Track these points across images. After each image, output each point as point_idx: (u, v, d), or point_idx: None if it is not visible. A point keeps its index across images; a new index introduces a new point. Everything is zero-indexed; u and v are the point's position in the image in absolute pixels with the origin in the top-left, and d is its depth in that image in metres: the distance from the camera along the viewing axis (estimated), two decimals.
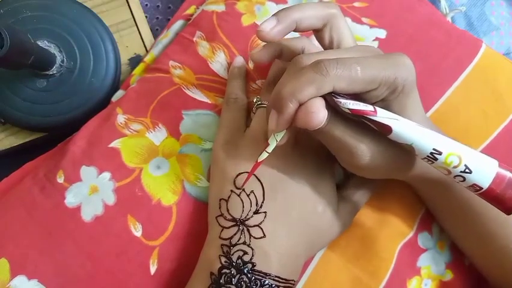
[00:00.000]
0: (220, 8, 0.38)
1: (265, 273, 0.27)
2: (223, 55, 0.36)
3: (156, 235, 0.31)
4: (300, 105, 0.23)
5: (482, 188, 0.23)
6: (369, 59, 0.24)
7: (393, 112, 0.24)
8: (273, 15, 0.27)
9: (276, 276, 0.27)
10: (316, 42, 0.31)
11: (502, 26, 0.47)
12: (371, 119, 0.23)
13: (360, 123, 0.25)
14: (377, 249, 0.33)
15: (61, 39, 0.40)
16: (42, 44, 0.39)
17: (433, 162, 0.23)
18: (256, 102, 0.33)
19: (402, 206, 0.34)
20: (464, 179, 0.23)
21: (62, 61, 0.40)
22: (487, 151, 0.35)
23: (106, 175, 0.32)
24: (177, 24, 0.41)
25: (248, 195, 0.29)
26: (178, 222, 0.32)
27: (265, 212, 0.28)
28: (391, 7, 0.38)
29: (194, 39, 0.37)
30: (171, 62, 0.36)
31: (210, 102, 0.35)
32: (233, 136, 0.32)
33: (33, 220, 0.31)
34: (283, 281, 0.27)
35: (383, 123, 0.23)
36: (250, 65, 0.36)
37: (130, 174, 0.32)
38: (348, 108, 0.23)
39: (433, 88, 0.36)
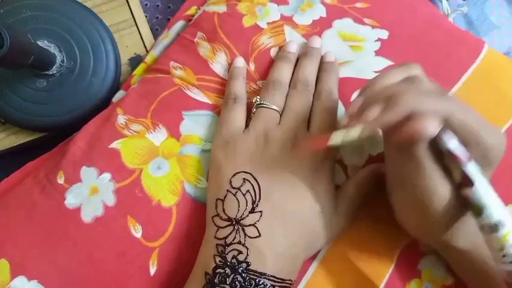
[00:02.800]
0: (222, 8, 0.38)
1: (261, 273, 0.26)
2: (224, 56, 0.36)
3: (156, 236, 0.31)
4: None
5: None
6: (480, 117, 0.24)
7: None
8: (358, 96, 0.25)
9: (271, 276, 0.27)
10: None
11: (503, 26, 0.46)
12: (460, 166, 0.23)
13: (443, 174, 0.24)
14: (377, 250, 0.33)
15: (61, 39, 0.40)
16: (42, 44, 0.39)
17: (492, 233, 0.23)
18: (256, 102, 0.33)
19: None
20: None
21: (62, 61, 0.39)
22: None
23: (106, 176, 0.32)
24: (178, 25, 0.41)
25: (244, 195, 0.29)
26: (178, 223, 0.32)
27: (260, 211, 0.28)
28: (393, 8, 0.38)
29: (195, 39, 0.37)
30: (172, 63, 0.36)
31: (210, 102, 0.35)
32: (232, 136, 0.32)
33: (34, 221, 0.31)
34: (279, 280, 0.27)
35: (469, 176, 0.23)
36: (251, 66, 0.36)
37: (130, 175, 0.32)
38: (448, 147, 0.23)
39: None
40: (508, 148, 0.34)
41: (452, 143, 0.23)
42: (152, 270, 0.31)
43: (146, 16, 0.45)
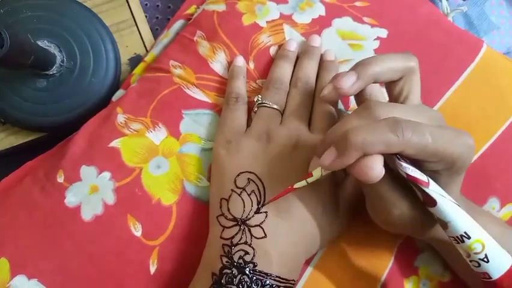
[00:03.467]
0: (221, 7, 0.38)
1: (266, 273, 0.26)
2: (223, 55, 0.36)
3: (156, 235, 0.31)
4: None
5: (491, 278, 0.23)
6: (441, 131, 0.23)
7: (437, 184, 0.24)
8: (351, 70, 0.26)
9: (276, 277, 0.27)
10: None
11: (503, 25, 0.47)
12: (421, 188, 0.23)
13: (405, 186, 0.25)
14: (376, 248, 0.33)
15: (61, 39, 0.40)
16: (42, 44, 0.39)
17: (458, 243, 0.24)
18: (257, 101, 0.33)
19: None
20: (479, 265, 0.23)
21: (62, 61, 0.40)
22: (489, 151, 0.34)
23: (106, 175, 0.32)
24: (178, 24, 0.41)
25: (249, 195, 0.29)
26: (178, 222, 0.32)
27: (266, 212, 0.28)
28: (392, 7, 0.38)
29: (194, 38, 0.37)
30: (171, 62, 0.36)
31: (210, 101, 0.35)
32: (234, 135, 0.32)
33: (33, 220, 0.31)
34: (284, 281, 0.27)
35: (431, 196, 0.23)
36: (251, 65, 0.36)
37: (130, 173, 0.32)
38: (406, 173, 0.23)
39: (434, 88, 0.35)
40: (507, 147, 0.35)
41: (409, 170, 0.23)
42: (153, 269, 0.31)
43: (146, 16, 0.45)
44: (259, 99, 0.33)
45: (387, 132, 0.22)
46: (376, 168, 0.22)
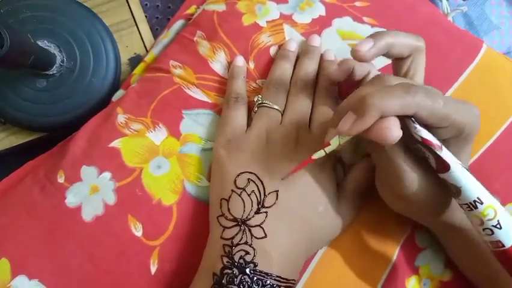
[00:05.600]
0: (221, 7, 0.38)
1: (267, 273, 0.27)
2: (223, 55, 0.36)
3: (156, 235, 0.31)
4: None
5: (505, 246, 0.24)
6: (450, 99, 0.24)
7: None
8: (369, 37, 0.27)
9: (277, 276, 0.27)
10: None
11: (503, 25, 0.47)
12: (435, 152, 0.24)
13: (416, 157, 0.26)
14: (377, 248, 0.33)
15: (61, 39, 0.40)
16: (42, 44, 0.39)
17: (471, 210, 0.24)
18: (257, 101, 0.33)
19: None
20: (492, 233, 0.24)
21: (62, 61, 0.40)
22: (489, 151, 0.35)
23: (107, 175, 0.32)
24: (178, 24, 0.41)
25: (249, 195, 0.29)
26: (178, 222, 0.32)
27: (266, 212, 0.28)
28: (392, 7, 0.38)
29: (194, 38, 0.37)
30: (171, 62, 0.36)
31: (210, 101, 0.35)
32: (234, 135, 0.32)
33: (34, 220, 0.31)
34: (284, 280, 0.27)
35: (444, 160, 0.24)
36: (251, 65, 0.36)
37: (130, 174, 0.32)
38: (421, 136, 0.24)
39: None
40: (507, 147, 0.35)
41: (423, 133, 0.24)
42: (153, 269, 0.31)
43: (146, 16, 0.45)
44: (260, 99, 0.33)
45: (402, 93, 0.23)
46: (394, 129, 0.23)
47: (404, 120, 0.24)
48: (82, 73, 0.40)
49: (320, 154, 0.27)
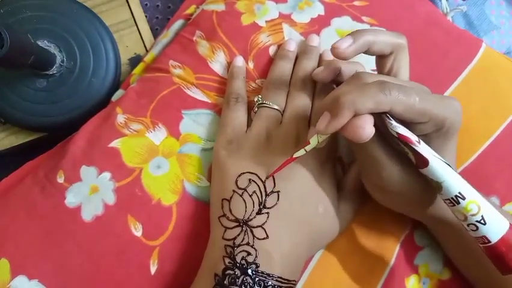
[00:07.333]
0: (220, 7, 0.38)
1: (268, 274, 0.27)
2: (222, 54, 0.36)
3: (156, 235, 0.31)
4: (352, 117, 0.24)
5: (490, 242, 0.23)
6: (427, 94, 0.25)
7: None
8: (348, 35, 0.28)
9: (278, 277, 0.27)
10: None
11: (503, 25, 0.47)
12: (412, 148, 0.24)
13: (396, 151, 0.27)
14: (376, 248, 0.33)
15: (61, 39, 0.40)
16: (42, 44, 0.39)
17: (454, 206, 0.24)
18: (257, 101, 0.33)
19: None
20: (477, 228, 0.24)
21: (62, 61, 0.40)
22: (488, 151, 0.34)
23: (106, 175, 0.32)
24: (177, 24, 0.41)
25: (250, 196, 0.29)
26: (178, 222, 0.32)
27: (267, 213, 0.28)
28: (391, 6, 0.38)
29: (194, 38, 0.37)
30: (171, 62, 0.36)
31: (209, 101, 0.35)
32: (235, 135, 0.32)
33: (34, 220, 0.31)
34: (286, 281, 0.27)
35: (422, 155, 0.24)
36: (250, 64, 0.36)
37: (130, 174, 0.32)
38: (396, 132, 0.24)
39: (433, 88, 0.35)
40: (507, 146, 0.35)
41: (400, 129, 0.24)
42: (153, 269, 0.31)
43: (146, 16, 0.45)
44: (259, 99, 0.33)
45: (375, 91, 0.24)
46: (366, 127, 0.23)
47: (381, 116, 0.24)
48: (82, 73, 0.40)
49: (300, 153, 0.27)
